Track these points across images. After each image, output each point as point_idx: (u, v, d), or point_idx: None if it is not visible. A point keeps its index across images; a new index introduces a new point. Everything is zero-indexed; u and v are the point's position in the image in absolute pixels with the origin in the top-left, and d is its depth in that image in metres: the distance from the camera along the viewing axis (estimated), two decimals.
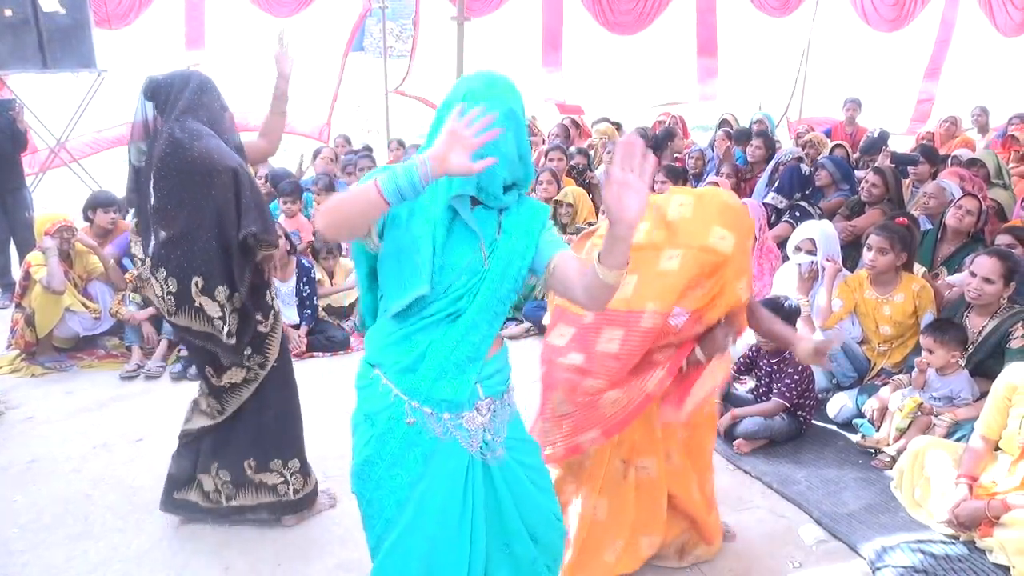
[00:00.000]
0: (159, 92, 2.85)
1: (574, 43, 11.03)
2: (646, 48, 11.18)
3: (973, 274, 3.73)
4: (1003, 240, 4.41)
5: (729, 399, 4.05)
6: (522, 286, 1.97)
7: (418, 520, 1.96)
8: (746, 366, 4.06)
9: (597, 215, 5.63)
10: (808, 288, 4.54)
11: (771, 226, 5.65)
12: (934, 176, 6.40)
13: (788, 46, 11.76)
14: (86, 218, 5.06)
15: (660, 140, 8.05)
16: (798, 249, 4.63)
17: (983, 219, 4.85)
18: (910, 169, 6.77)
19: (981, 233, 4.90)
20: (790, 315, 3.94)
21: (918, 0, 11.61)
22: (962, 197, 4.88)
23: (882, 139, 8.03)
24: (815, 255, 4.53)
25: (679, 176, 6.27)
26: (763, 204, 5.74)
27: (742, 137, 7.96)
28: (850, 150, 7.82)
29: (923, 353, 3.70)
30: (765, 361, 3.96)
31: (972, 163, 6.46)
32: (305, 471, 3.15)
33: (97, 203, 5.06)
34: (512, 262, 1.90)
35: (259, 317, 2.95)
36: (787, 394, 3.81)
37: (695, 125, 11.21)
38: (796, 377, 3.83)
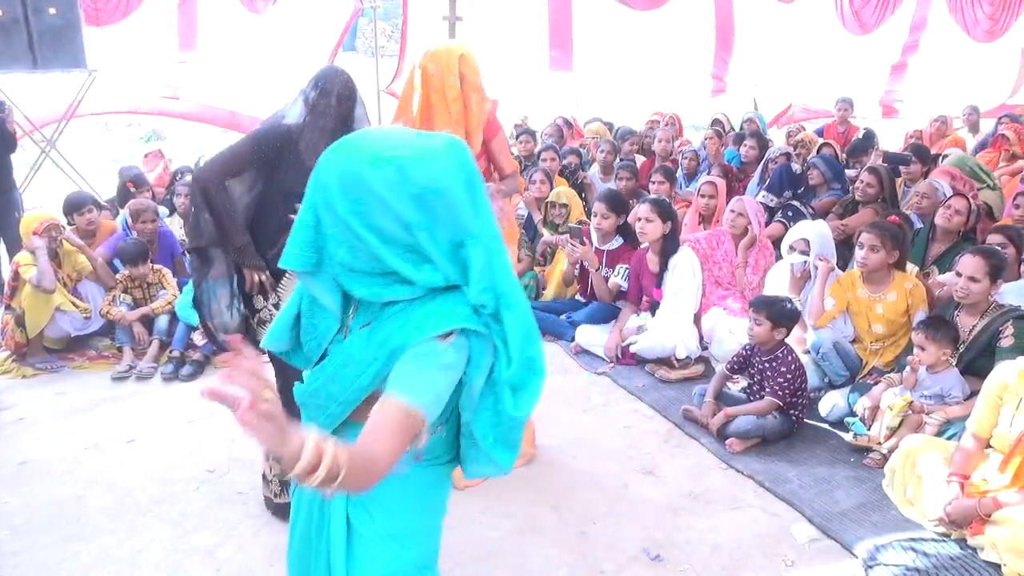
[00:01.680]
0: None
1: (584, 35, 10.91)
2: (662, 34, 11.09)
3: (959, 274, 3.75)
4: (994, 239, 4.42)
5: (722, 398, 4.06)
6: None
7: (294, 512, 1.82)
8: (739, 365, 4.07)
9: (588, 215, 5.64)
10: (800, 288, 4.56)
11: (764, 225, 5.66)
12: (926, 175, 6.43)
13: (787, 37, 11.82)
14: (69, 222, 5.06)
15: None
16: (792, 249, 4.66)
17: (973, 218, 4.88)
18: (902, 168, 6.80)
19: (972, 232, 4.92)
20: (791, 317, 3.94)
21: (890, 4, 11.70)
22: (951, 197, 4.91)
23: (868, 140, 8.07)
24: (808, 255, 4.56)
25: (672, 176, 6.32)
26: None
27: (737, 140, 7.98)
28: (839, 149, 7.85)
29: (914, 350, 3.71)
30: (758, 360, 3.97)
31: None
32: (285, 480, 3.08)
33: (74, 205, 5.06)
34: (345, 370, 1.54)
35: None
36: (780, 393, 3.82)
37: (689, 124, 11.24)
38: (789, 376, 3.84)
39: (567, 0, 10.67)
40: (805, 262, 4.54)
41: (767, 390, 3.86)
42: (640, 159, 8.06)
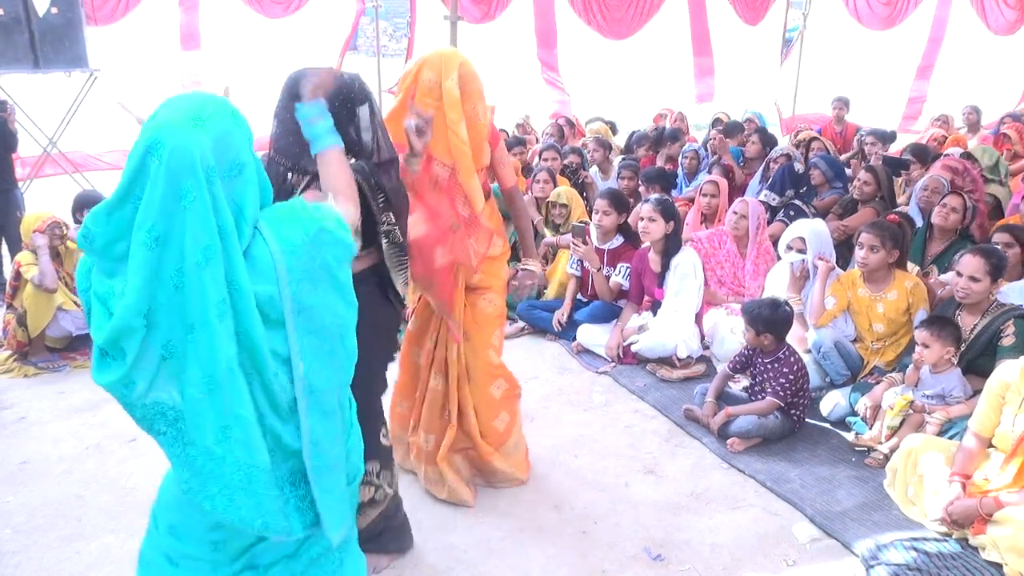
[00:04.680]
0: None
1: (568, 46, 11.13)
2: (640, 51, 11.32)
3: (959, 273, 3.75)
4: (1000, 238, 4.40)
5: (723, 398, 4.05)
6: None
7: None
8: (741, 365, 4.07)
9: (589, 214, 5.63)
10: (800, 287, 4.55)
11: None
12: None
13: (765, 50, 12.01)
14: (76, 220, 5.05)
15: (661, 139, 8.05)
16: (789, 248, 4.65)
17: (970, 216, 4.87)
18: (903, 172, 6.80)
19: (969, 230, 4.92)
20: (776, 323, 3.92)
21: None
22: (947, 195, 4.92)
23: (890, 138, 8.15)
24: (806, 254, 4.55)
25: (652, 182, 6.26)
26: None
27: (734, 130, 7.97)
28: (832, 148, 7.84)
29: (917, 348, 3.70)
30: (759, 360, 3.96)
31: (966, 158, 6.48)
32: None
33: (84, 203, 5.06)
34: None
35: None
36: (781, 393, 3.81)
37: (691, 123, 11.33)
38: (791, 377, 3.83)
39: (551, 22, 10.90)
40: (803, 260, 4.53)
41: (768, 390, 3.86)
42: (641, 152, 8.07)
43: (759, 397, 3.92)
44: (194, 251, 1.50)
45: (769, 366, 3.91)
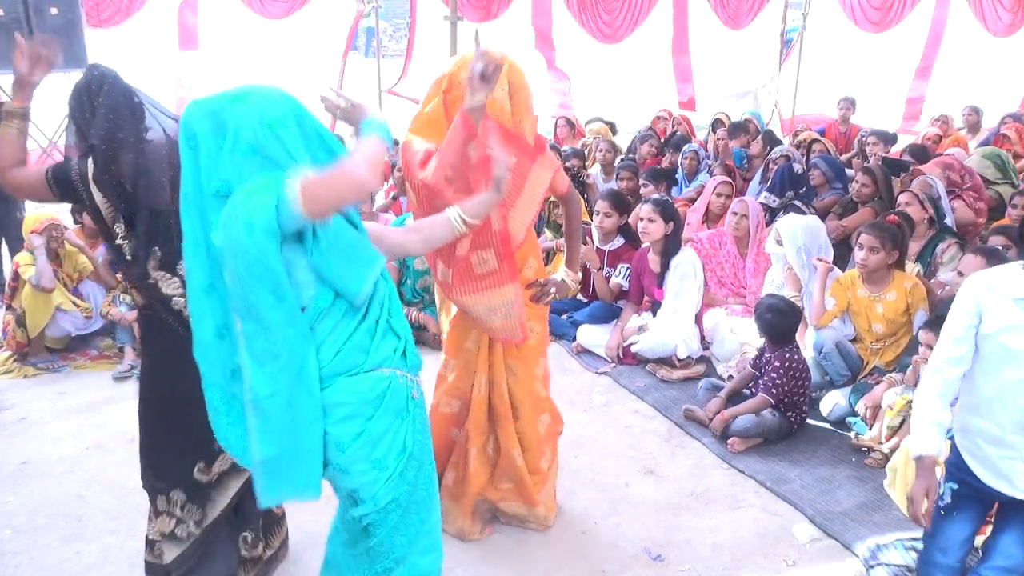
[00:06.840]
0: None
1: (564, 48, 11.14)
2: (638, 54, 11.36)
3: (960, 273, 3.75)
4: (997, 241, 4.41)
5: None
6: None
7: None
8: (756, 364, 4.06)
9: (590, 215, 5.62)
10: (800, 286, 4.55)
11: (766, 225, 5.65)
12: None
13: (753, 55, 12.03)
14: (76, 220, 5.04)
15: (672, 143, 8.06)
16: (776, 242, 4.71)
17: (931, 206, 4.98)
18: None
19: (943, 221, 5.05)
20: (768, 324, 3.93)
21: (906, 1, 11.72)
22: (899, 193, 5.00)
23: (892, 139, 8.18)
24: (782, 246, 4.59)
25: (659, 179, 6.28)
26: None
27: (737, 131, 7.96)
28: (833, 149, 7.85)
29: (921, 350, 3.69)
30: (764, 357, 3.97)
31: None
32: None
33: None
34: None
35: None
36: (773, 391, 3.81)
37: (695, 125, 11.37)
38: (781, 372, 3.82)
39: (547, 13, 10.94)
40: (785, 256, 4.55)
41: (760, 386, 3.87)
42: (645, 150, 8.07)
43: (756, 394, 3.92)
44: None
45: (766, 363, 3.91)
